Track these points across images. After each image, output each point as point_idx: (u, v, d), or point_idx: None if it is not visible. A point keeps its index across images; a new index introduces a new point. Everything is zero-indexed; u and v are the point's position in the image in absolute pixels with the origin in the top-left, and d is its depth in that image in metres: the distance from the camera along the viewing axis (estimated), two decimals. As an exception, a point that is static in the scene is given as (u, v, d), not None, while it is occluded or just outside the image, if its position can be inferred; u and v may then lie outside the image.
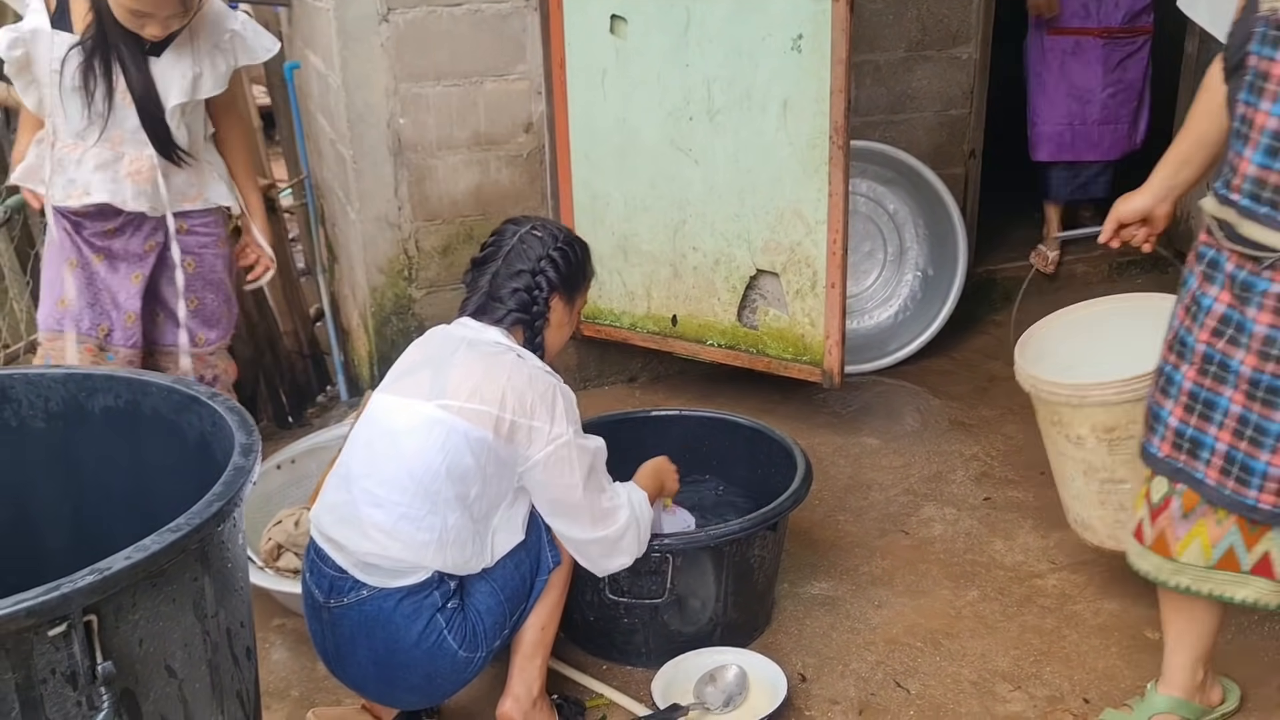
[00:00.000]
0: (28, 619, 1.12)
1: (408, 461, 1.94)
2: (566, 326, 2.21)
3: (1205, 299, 1.86)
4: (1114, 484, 2.35)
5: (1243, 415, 1.81)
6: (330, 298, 4.23)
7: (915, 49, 3.92)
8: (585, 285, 2.23)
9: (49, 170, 2.57)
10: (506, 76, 3.37)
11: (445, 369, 2.02)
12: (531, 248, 2.12)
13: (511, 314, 2.09)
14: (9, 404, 1.72)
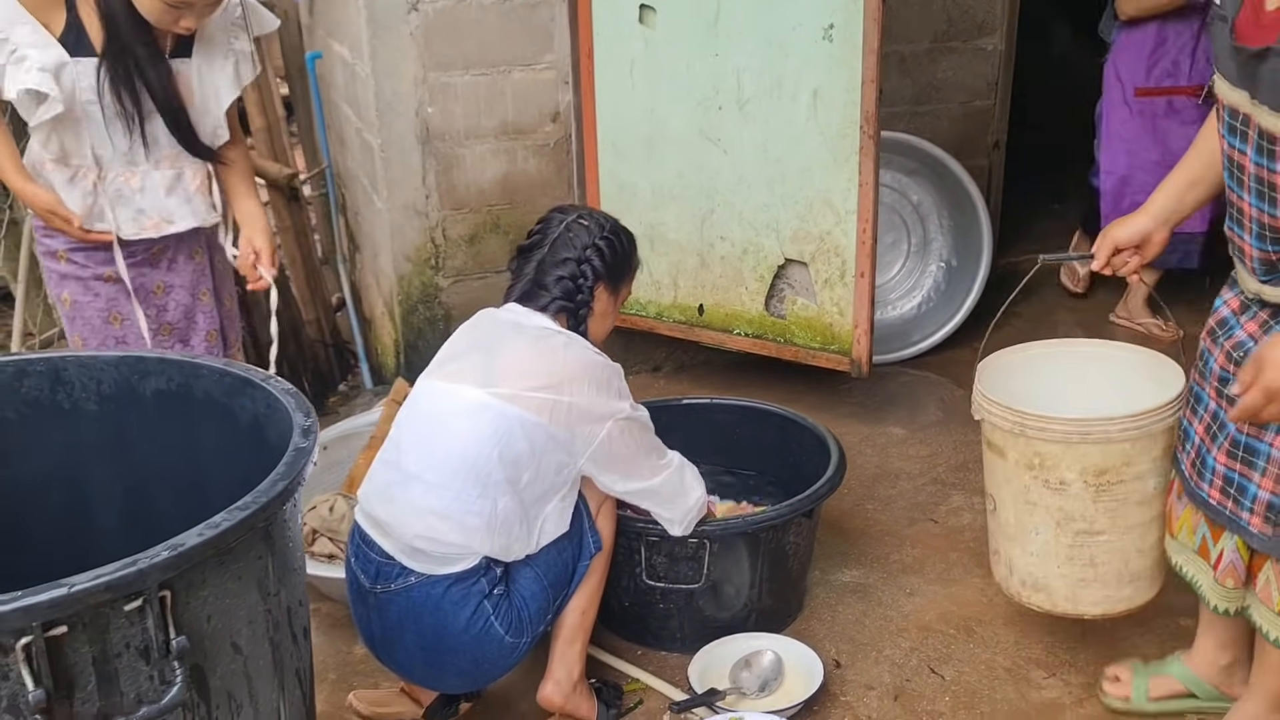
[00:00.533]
0: (106, 593, 1.14)
1: (459, 445, 1.95)
2: (610, 316, 2.22)
3: (1232, 323, 1.87)
4: (1090, 536, 2.12)
5: (1234, 437, 1.83)
6: (351, 287, 4.25)
7: (940, 40, 3.92)
8: (630, 275, 2.24)
9: (106, 207, 2.41)
10: (534, 66, 3.38)
11: (496, 354, 2.03)
12: (578, 236, 2.13)
13: (556, 301, 2.10)
14: (62, 386, 1.74)
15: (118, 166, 2.39)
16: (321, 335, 4.13)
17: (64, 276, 2.44)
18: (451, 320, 3.52)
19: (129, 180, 2.41)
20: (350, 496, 2.74)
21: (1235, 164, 1.73)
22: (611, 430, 2.03)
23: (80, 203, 2.37)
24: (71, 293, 2.44)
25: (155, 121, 2.38)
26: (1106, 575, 2.16)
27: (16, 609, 1.08)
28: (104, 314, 2.46)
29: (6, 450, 1.73)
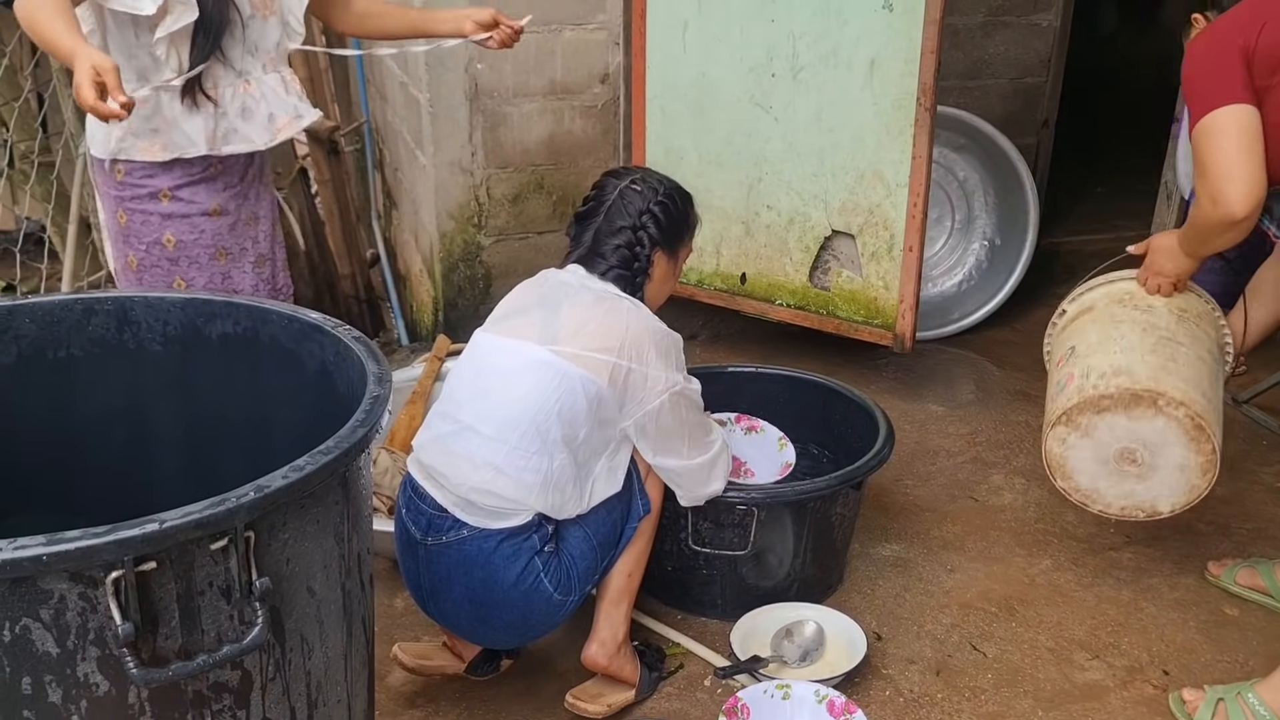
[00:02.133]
0: (195, 531, 1.13)
1: (520, 401, 1.94)
2: (671, 279, 2.21)
3: None
4: (1172, 342, 2.23)
5: None
6: (385, 243, 4.24)
7: (995, 14, 3.87)
8: (689, 235, 2.23)
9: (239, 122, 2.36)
10: (586, 25, 3.35)
11: (559, 313, 2.02)
12: (632, 203, 2.11)
13: (614, 270, 2.09)
14: (129, 326, 1.73)
15: (230, 79, 2.34)
16: (356, 290, 4.12)
17: (167, 216, 2.38)
18: (492, 279, 3.51)
19: (248, 90, 2.37)
20: (393, 451, 2.74)
21: None
22: (665, 402, 2.02)
23: (206, 127, 2.32)
24: (176, 232, 2.40)
25: (253, 26, 2.35)
26: (1186, 374, 2.18)
27: (110, 542, 1.08)
28: (210, 250, 2.44)
29: (72, 387, 1.72)
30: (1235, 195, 1.96)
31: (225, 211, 2.44)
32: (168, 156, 2.32)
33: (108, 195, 2.40)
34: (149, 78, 2.28)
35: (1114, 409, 2.16)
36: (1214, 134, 1.99)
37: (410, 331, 3.96)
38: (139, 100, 2.22)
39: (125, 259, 2.43)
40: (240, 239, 2.50)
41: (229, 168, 2.44)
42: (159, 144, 2.32)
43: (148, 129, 2.30)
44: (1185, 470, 2.17)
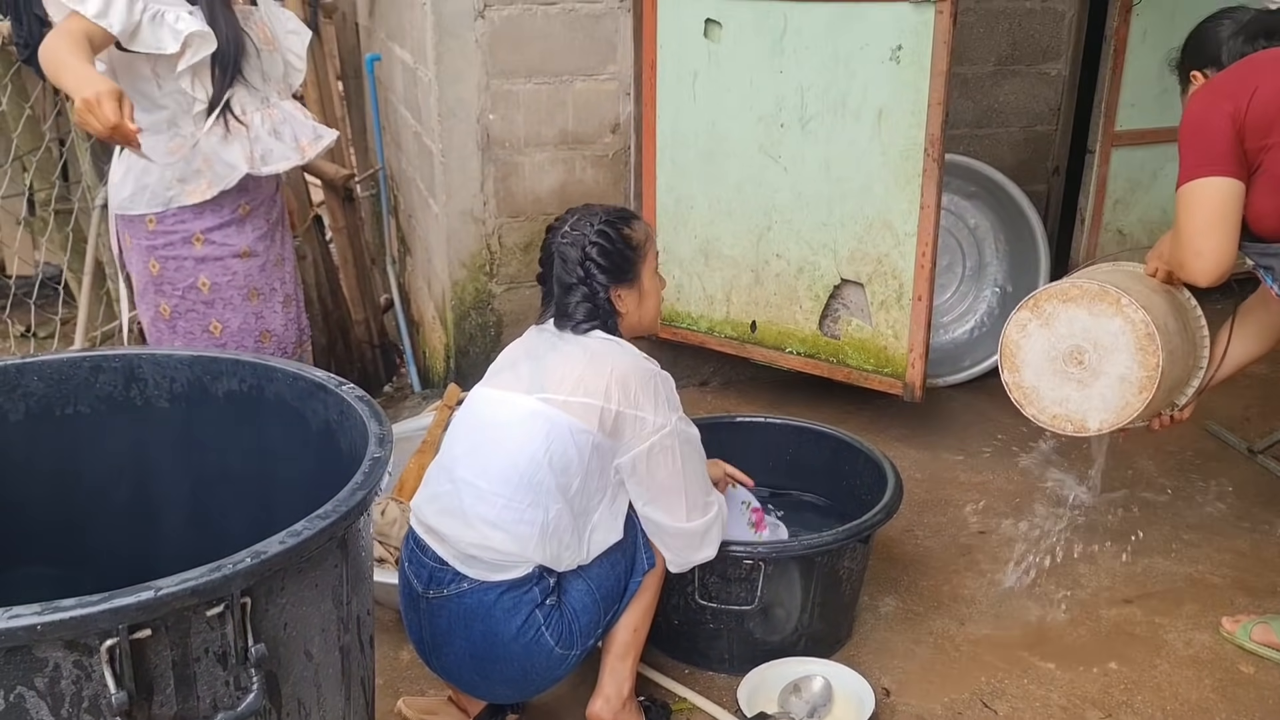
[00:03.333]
0: (191, 598, 1.13)
1: (511, 453, 1.95)
2: (649, 297, 2.15)
3: None
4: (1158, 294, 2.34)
5: None
6: (400, 289, 4.27)
7: (1004, 63, 3.89)
8: (641, 254, 2.11)
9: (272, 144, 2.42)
10: (597, 76, 3.38)
11: (545, 362, 2.03)
12: (569, 257, 2.07)
13: (583, 324, 2.08)
14: (136, 383, 1.75)
15: (255, 103, 2.40)
16: (369, 336, 4.14)
17: (201, 260, 2.42)
18: (504, 327, 3.52)
19: (270, 115, 2.43)
20: (401, 501, 2.74)
21: None
22: (656, 443, 2.00)
23: (244, 150, 2.37)
24: (210, 275, 2.44)
25: (264, 56, 2.43)
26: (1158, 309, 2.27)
27: (105, 610, 1.08)
28: (244, 291, 2.49)
29: (78, 444, 1.74)
30: (1199, 269, 2.07)
31: (255, 253, 2.50)
32: (214, 192, 2.38)
33: (138, 247, 2.44)
34: (179, 122, 2.33)
35: (1080, 300, 2.27)
36: (1191, 204, 2.06)
37: (423, 378, 3.98)
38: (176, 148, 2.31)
39: (157, 309, 2.46)
40: (270, 279, 2.56)
41: (256, 210, 2.50)
42: (204, 183, 2.38)
43: (190, 171, 2.38)
44: (1125, 383, 2.24)
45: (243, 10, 2.42)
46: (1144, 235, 4.05)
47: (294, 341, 2.64)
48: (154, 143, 2.34)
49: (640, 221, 2.16)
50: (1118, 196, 3.99)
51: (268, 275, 2.55)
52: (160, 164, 2.34)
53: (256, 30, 2.44)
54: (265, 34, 2.47)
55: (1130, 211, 4.03)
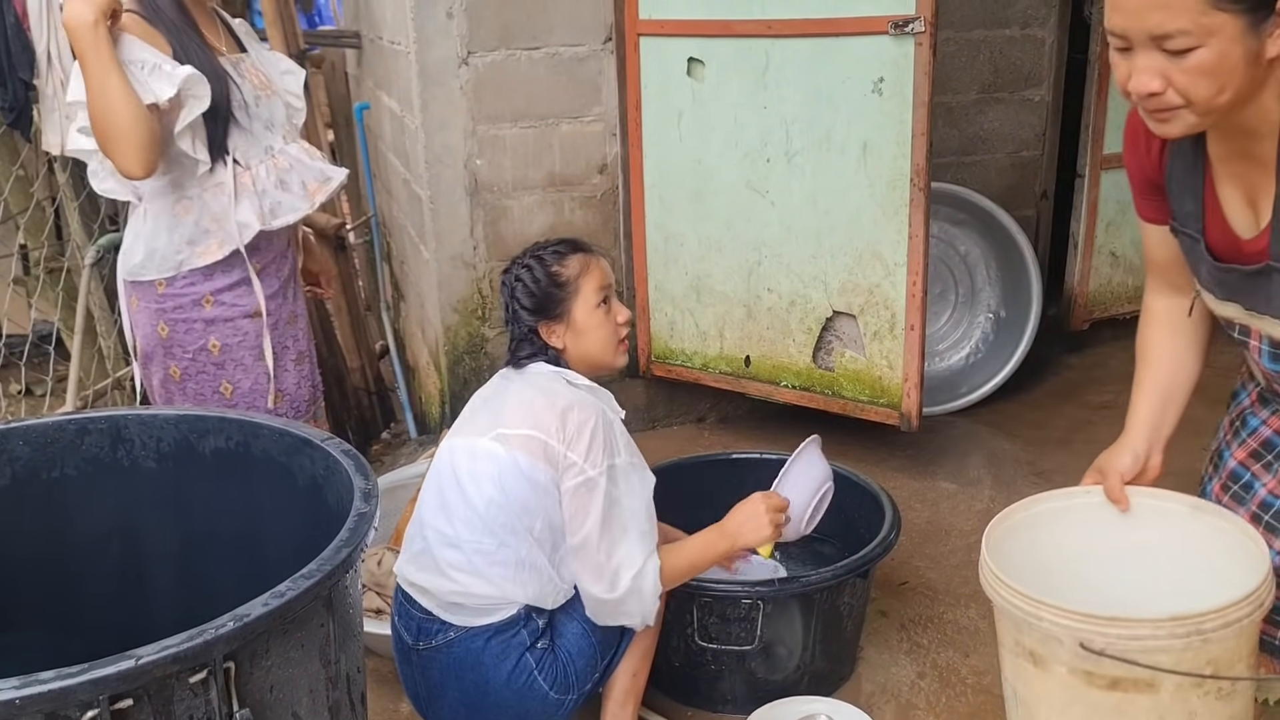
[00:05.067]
0: (173, 665, 1.12)
1: (471, 499, 1.95)
2: (589, 332, 2.05)
3: (1253, 419, 1.65)
4: None
5: None
6: (395, 335, 4.27)
7: (987, 91, 3.92)
8: (569, 292, 2.04)
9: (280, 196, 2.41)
10: (582, 119, 3.40)
11: (501, 401, 2.03)
12: (502, 295, 2.11)
13: (523, 360, 2.08)
14: (123, 444, 1.74)
15: (258, 154, 2.39)
16: (365, 383, 4.14)
17: (211, 322, 2.40)
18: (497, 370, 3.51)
19: (277, 164, 2.42)
20: (397, 550, 2.72)
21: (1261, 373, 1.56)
22: (576, 488, 1.91)
23: (253, 207, 2.36)
24: (221, 336, 2.41)
25: (261, 103, 2.41)
26: None
27: (85, 681, 1.07)
28: (255, 352, 2.46)
29: (66, 506, 1.73)
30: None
31: (267, 313, 2.48)
32: (225, 252, 2.36)
33: (146, 310, 2.41)
34: (184, 184, 2.34)
35: None
36: None
37: (419, 424, 3.97)
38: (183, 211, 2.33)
39: (167, 370, 2.44)
40: (282, 338, 2.54)
41: (267, 268, 2.48)
42: (214, 242, 2.36)
43: (199, 232, 2.36)
44: None
45: (232, 59, 2.41)
46: (1135, 256, 4.06)
47: (307, 399, 2.62)
48: (160, 206, 2.34)
49: (579, 256, 2.06)
50: (1109, 219, 4.00)
51: (279, 334, 2.52)
52: (168, 227, 2.33)
53: (250, 77, 2.43)
54: (259, 79, 2.46)
55: (1122, 233, 4.03)
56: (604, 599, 1.95)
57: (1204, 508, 1.62)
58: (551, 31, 3.28)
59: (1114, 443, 1.70)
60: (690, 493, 2.75)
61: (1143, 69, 1.31)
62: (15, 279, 3.57)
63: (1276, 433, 1.62)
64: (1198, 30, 1.25)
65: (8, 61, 2.79)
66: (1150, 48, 1.29)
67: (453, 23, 3.19)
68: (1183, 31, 1.25)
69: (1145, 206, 1.64)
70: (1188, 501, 1.63)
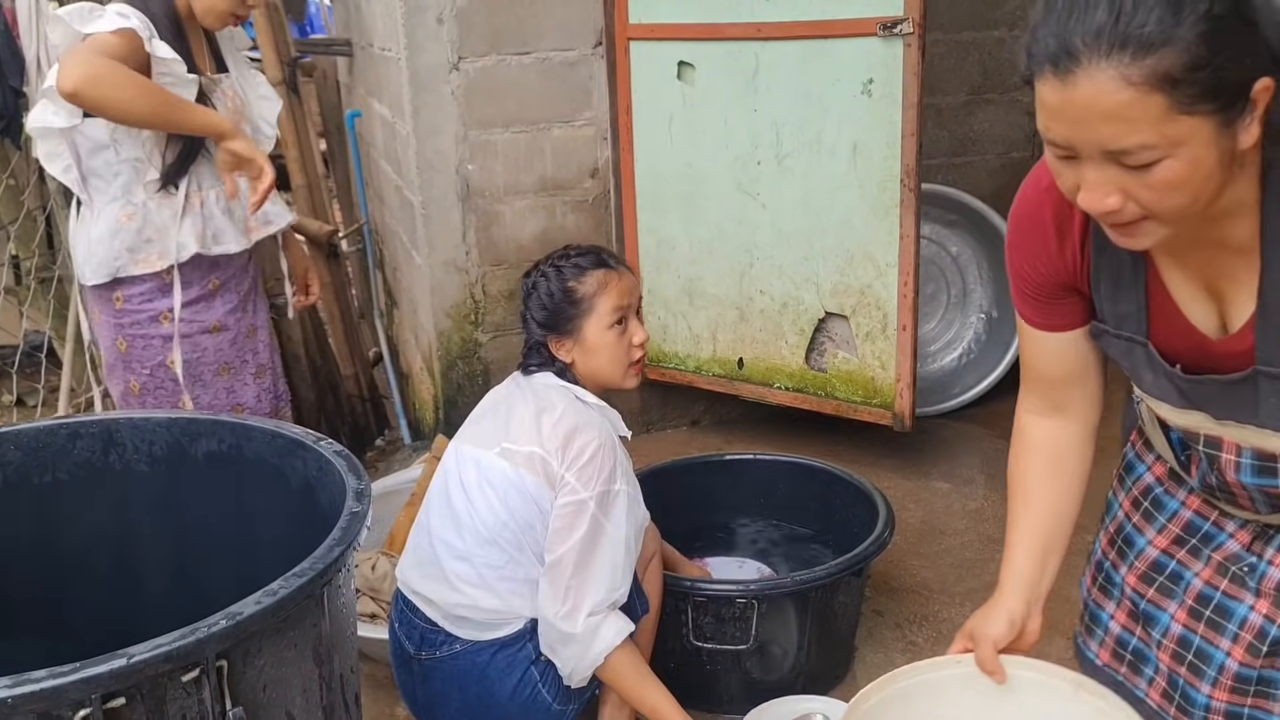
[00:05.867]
0: (165, 664, 1.12)
1: (480, 513, 1.94)
2: (599, 350, 2.01)
3: (1170, 500, 1.45)
4: None
5: (1183, 636, 1.40)
6: (388, 341, 4.27)
7: (976, 92, 3.93)
8: (582, 310, 1.99)
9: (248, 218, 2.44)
10: (573, 123, 3.41)
11: (509, 412, 2.01)
12: (522, 302, 2.09)
13: (532, 367, 2.06)
14: (115, 448, 1.74)
15: (212, 181, 2.39)
16: (359, 390, 4.14)
17: (169, 339, 2.39)
18: (491, 375, 3.52)
19: (217, 197, 2.42)
20: (392, 554, 2.72)
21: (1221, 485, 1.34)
22: (564, 507, 1.88)
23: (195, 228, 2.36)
24: (184, 353, 2.41)
25: None
26: None
27: (77, 680, 1.07)
28: (214, 367, 2.47)
29: (59, 511, 1.73)
30: None
31: (226, 327, 2.47)
32: (164, 265, 2.34)
33: (106, 324, 2.41)
34: (131, 190, 2.32)
35: None
36: None
37: (413, 430, 3.97)
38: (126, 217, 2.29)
39: (126, 384, 2.43)
40: (241, 352, 2.53)
41: (226, 284, 2.48)
42: (155, 253, 2.35)
43: (140, 241, 2.34)
44: None
45: (210, 80, 2.41)
46: (1126, 256, 4.08)
47: (268, 412, 2.61)
48: (107, 211, 2.33)
49: (599, 273, 2.00)
50: (1097, 218, 4.00)
51: (239, 348, 2.52)
52: (110, 232, 2.32)
53: (226, 99, 2.43)
54: (234, 103, 2.46)
55: (1111, 233, 4.04)
56: (556, 625, 1.88)
57: (1086, 685, 1.41)
58: (542, 36, 3.29)
59: (988, 600, 1.48)
60: (684, 495, 2.75)
61: (1095, 184, 1.06)
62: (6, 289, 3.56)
63: (1198, 513, 1.42)
64: (1163, 142, 1.01)
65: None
66: (1103, 161, 1.04)
67: (443, 29, 3.20)
68: (1145, 146, 1.01)
69: (1042, 312, 1.35)
70: (1069, 677, 1.42)
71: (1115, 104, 0.99)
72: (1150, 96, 0.98)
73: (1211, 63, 0.98)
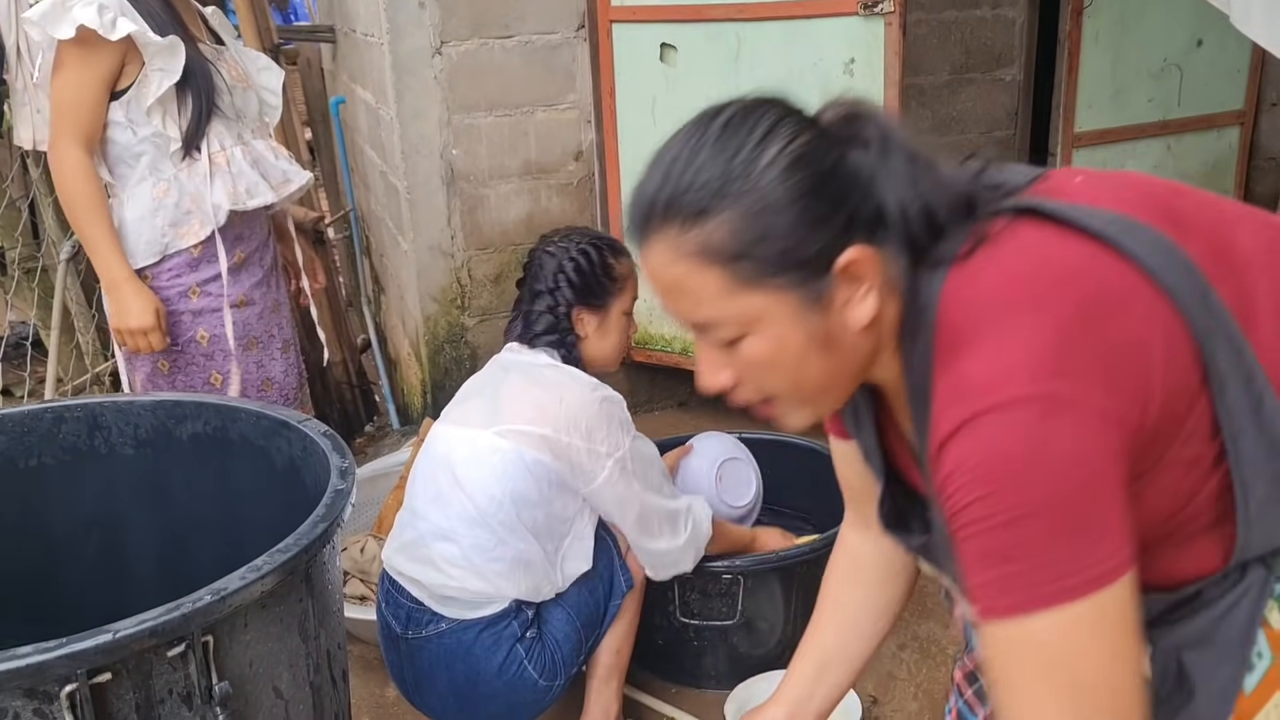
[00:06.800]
0: (150, 639, 1.13)
1: (471, 494, 1.94)
2: (613, 334, 2.12)
3: (975, 636, 1.30)
4: None
5: None
6: (376, 328, 4.28)
7: (959, 72, 3.94)
8: (619, 285, 2.12)
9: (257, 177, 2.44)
10: (556, 106, 3.41)
11: (498, 394, 2.02)
12: (545, 266, 2.10)
13: (540, 337, 2.08)
14: (99, 431, 1.75)
15: (231, 139, 2.41)
16: (348, 376, 4.14)
17: (198, 313, 2.41)
18: (478, 359, 3.53)
19: (248, 151, 2.44)
20: (380, 537, 2.74)
21: None
22: (612, 470, 1.96)
23: (226, 187, 2.37)
24: (209, 328, 2.43)
25: (236, 93, 2.43)
26: None
27: (62, 656, 1.08)
28: (243, 341, 2.47)
29: (45, 496, 1.74)
30: None
31: (251, 301, 2.49)
32: (207, 231, 2.37)
33: None
34: (159, 165, 2.34)
35: None
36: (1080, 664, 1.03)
37: (402, 415, 3.98)
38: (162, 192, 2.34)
39: (154, 364, 2.44)
40: (268, 326, 2.56)
41: (250, 257, 2.50)
42: (196, 223, 2.37)
43: (181, 214, 2.37)
44: None
45: (212, 49, 2.43)
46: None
47: (295, 386, 2.63)
48: (139, 192, 2.36)
49: (629, 260, 2.12)
50: (1081, 196, 4.02)
51: (265, 322, 2.54)
52: (150, 211, 2.34)
53: (228, 68, 2.44)
54: (237, 71, 2.48)
55: (1094, 210, 4.07)
56: (674, 547, 2.08)
57: None
58: (524, 20, 3.29)
59: (760, 705, 1.40)
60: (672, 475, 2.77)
61: (703, 360, 1.00)
62: (-9, 278, 3.56)
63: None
64: (735, 319, 0.94)
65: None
66: (700, 335, 0.99)
67: (425, 12, 3.20)
68: (715, 321, 0.95)
69: (833, 418, 1.25)
70: None
71: (674, 277, 0.94)
72: (707, 270, 0.92)
73: (769, 234, 0.91)
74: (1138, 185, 1.03)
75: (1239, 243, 1.00)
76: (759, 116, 0.96)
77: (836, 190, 0.93)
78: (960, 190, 0.98)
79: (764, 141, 0.93)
